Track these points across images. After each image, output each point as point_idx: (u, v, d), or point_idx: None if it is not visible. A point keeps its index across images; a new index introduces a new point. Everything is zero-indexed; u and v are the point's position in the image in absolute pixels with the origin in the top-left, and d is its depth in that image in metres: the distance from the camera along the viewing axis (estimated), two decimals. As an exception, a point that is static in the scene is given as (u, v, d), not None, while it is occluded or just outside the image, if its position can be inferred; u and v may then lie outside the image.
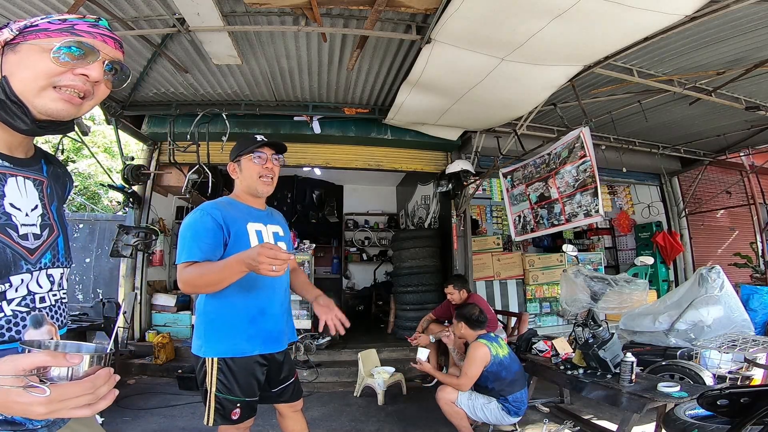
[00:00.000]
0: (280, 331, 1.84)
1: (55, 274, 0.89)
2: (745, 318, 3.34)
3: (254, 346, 1.73)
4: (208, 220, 1.64)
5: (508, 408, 2.77)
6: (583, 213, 3.83)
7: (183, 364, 4.57)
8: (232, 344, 1.70)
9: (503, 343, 2.92)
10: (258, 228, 1.77)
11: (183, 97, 4.81)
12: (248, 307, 1.72)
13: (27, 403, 0.61)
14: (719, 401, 1.50)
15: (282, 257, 1.33)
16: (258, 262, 1.34)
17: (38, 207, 0.87)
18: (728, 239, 7.29)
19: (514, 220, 4.94)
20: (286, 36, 3.54)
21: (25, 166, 0.87)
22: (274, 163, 1.80)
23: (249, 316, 1.72)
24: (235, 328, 1.70)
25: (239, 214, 1.75)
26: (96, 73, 0.82)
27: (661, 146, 6.25)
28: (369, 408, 3.71)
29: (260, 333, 1.74)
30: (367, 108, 5.06)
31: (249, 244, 1.68)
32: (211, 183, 4.68)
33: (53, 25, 0.80)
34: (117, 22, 3.18)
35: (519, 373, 2.85)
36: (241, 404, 1.70)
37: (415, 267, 5.62)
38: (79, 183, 10.84)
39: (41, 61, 0.78)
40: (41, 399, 0.60)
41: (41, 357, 0.62)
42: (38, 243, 0.84)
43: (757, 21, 3.11)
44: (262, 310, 1.75)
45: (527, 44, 2.91)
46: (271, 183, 1.81)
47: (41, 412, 0.61)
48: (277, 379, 1.88)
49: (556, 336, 3.73)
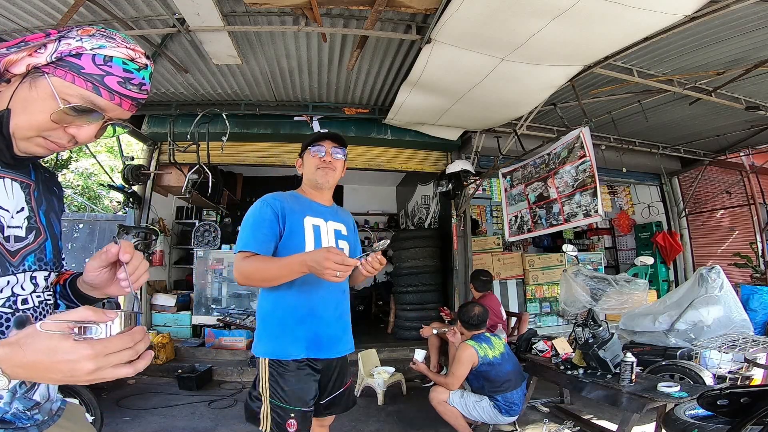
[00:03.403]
0: (331, 336, 1.70)
1: (39, 277, 0.87)
2: (744, 318, 3.34)
3: (299, 350, 1.61)
4: (268, 211, 1.63)
5: (499, 407, 2.77)
6: (583, 213, 3.82)
7: (183, 364, 4.58)
8: (281, 345, 1.62)
9: (497, 343, 2.89)
10: (316, 223, 1.72)
11: (183, 97, 4.81)
12: (299, 306, 1.64)
13: (75, 360, 0.59)
14: (719, 401, 1.50)
15: (349, 263, 1.32)
16: (323, 267, 1.32)
17: (24, 209, 0.85)
18: (728, 239, 7.29)
19: (510, 220, 4.94)
20: (286, 36, 3.54)
21: (12, 168, 0.85)
22: (334, 156, 1.78)
23: (299, 317, 1.63)
24: (284, 327, 1.63)
25: (299, 206, 1.71)
26: (85, 137, 0.81)
27: (661, 146, 6.25)
28: (369, 408, 3.70)
29: (307, 335, 1.63)
30: (367, 108, 5.06)
31: (303, 238, 1.65)
32: (211, 183, 4.68)
33: (91, 65, 0.76)
34: (117, 22, 3.18)
35: (512, 374, 2.83)
36: (295, 414, 1.56)
37: (415, 267, 5.62)
38: (81, 183, 10.85)
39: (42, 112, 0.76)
40: (89, 353, 0.59)
41: (84, 312, 0.63)
42: (20, 245, 0.82)
43: (757, 21, 3.11)
44: (312, 311, 1.65)
45: (527, 44, 2.91)
46: (330, 173, 1.78)
47: (89, 368, 0.60)
48: (327, 390, 1.74)
49: (556, 336, 3.73)
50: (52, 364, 0.59)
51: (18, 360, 0.60)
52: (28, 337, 0.60)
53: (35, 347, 0.60)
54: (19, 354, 0.60)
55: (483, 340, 2.86)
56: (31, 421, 0.81)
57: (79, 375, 0.60)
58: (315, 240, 1.68)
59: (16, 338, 0.61)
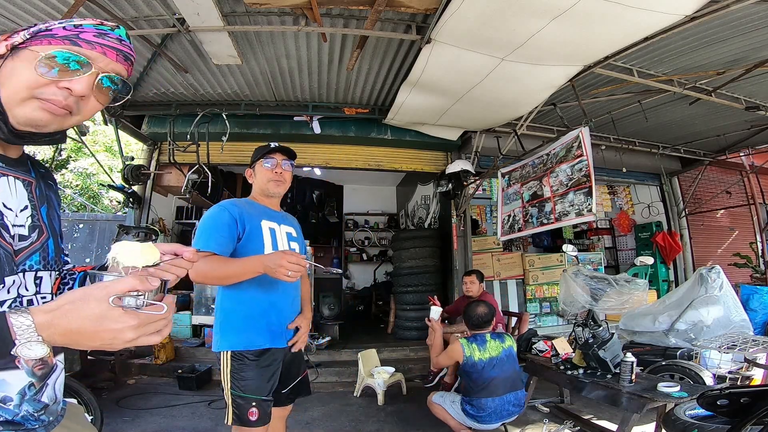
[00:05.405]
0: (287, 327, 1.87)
1: (45, 277, 0.86)
2: (744, 318, 3.34)
3: (265, 340, 1.75)
4: (226, 215, 1.74)
5: (466, 410, 2.70)
6: (575, 212, 3.78)
7: (183, 364, 4.58)
8: (244, 336, 1.73)
9: (493, 346, 2.77)
10: (271, 226, 1.86)
11: (183, 97, 4.81)
12: (261, 301, 1.77)
13: (120, 329, 0.61)
14: (719, 401, 1.51)
15: (303, 264, 1.49)
16: (279, 265, 1.48)
17: (28, 208, 0.84)
18: (728, 239, 7.29)
19: (503, 219, 4.93)
20: (286, 36, 3.54)
21: (15, 166, 0.84)
22: (284, 167, 1.92)
23: (261, 310, 1.77)
24: (248, 320, 1.75)
25: (255, 212, 1.85)
26: (80, 87, 0.77)
27: (661, 146, 6.25)
28: (369, 408, 3.71)
29: (271, 327, 1.78)
30: (367, 108, 5.06)
31: (262, 240, 1.79)
32: (210, 183, 4.68)
33: (63, 31, 0.77)
34: (117, 22, 3.18)
35: (497, 380, 2.68)
36: (256, 403, 1.69)
37: (415, 267, 5.62)
38: (80, 183, 10.85)
39: (27, 69, 0.74)
40: (134, 323, 0.62)
41: (131, 281, 0.64)
42: (24, 244, 0.81)
43: (757, 21, 3.11)
44: (272, 304, 1.79)
45: (527, 44, 2.91)
46: (281, 184, 1.92)
47: (130, 337, 0.62)
48: (287, 379, 1.89)
49: (556, 336, 3.73)
50: (97, 333, 0.61)
51: (63, 327, 0.61)
52: (71, 304, 0.61)
53: (83, 314, 0.61)
54: (63, 321, 0.60)
55: (476, 341, 2.78)
56: (39, 422, 0.81)
57: (118, 343, 0.63)
58: (272, 241, 1.83)
59: (56, 304, 0.62)
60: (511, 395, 2.70)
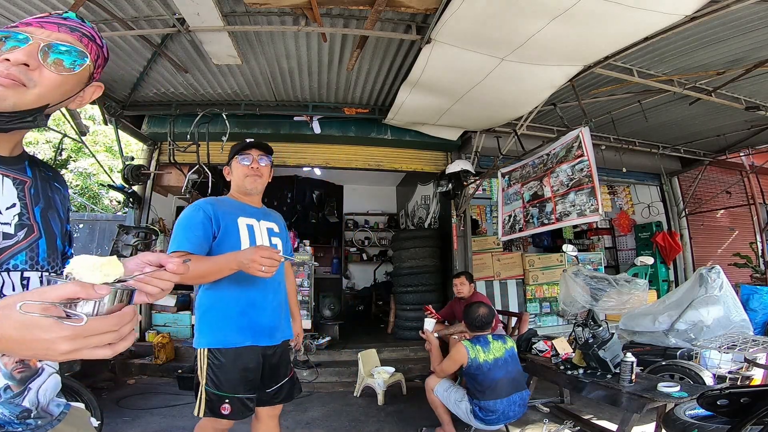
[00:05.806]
0: (273, 326, 1.85)
1: (33, 278, 0.84)
2: (744, 318, 3.34)
3: (245, 338, 1.74)
4: (200, 215, 1.74)
5: (476, 412, 2.69)
6: (576, 212, 3.78)
7: (183, 364, 4.57)
8: (222, 335, 1.73)
9: (496, 347, 2.77)
10: (249, 222, 1.84)
11: (183, 97, 4.81)
12: (239, 299, 1.76)
13: (51, 340, 0.56)
14: (719, 401, 1.51)
15: (276, 258, 1.47)
16: (251, 260, 1.46)
17: (16, 206, 0.83)
18: (728, 239, 7.29)
19: (504, 219, 4.93)
20: (286, 36, 3.54)
21: (6, 164, 0.84)
22: (260, 163, 1.90)
23: (240, 308, 1.76)
24: (226, 319, 1.75)
25: (231, 209, 1.84)
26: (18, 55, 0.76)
27: (661, 146, 6.25)
28: (369, 408, 3.71)
29: (251, 325, 1.77)
30: (367, 108, 5.06)
31: (238, 237, 1.77)
32: (211, 183, 4.68)
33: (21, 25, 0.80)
34: (117, 22, 3.18)
35: (502, 382, 2.68)
36: (229, 400, 1.69)
37: (415, 267, 5.62)
38: (80, 183, 10.85)
39: None
40: (67, 334, 0.56)
41: (71, 287, 0.58)
42: (8, 243, 0.80)
43: (757, 21, 3.11)
44: (253, 303, 1.78)
45: (527, 44, 2.91)
46: (258, 180, 1.90)
47: (65, 349, 0.56)
48: (272, 378, 1.87)
49: (556, 336, 3.73)
50: (25, 342, 0.56)
51: None
52: (5, 309, 0.57)
53: (10, 320, 0.56)
54: None
55: (479, 342, 2.78)
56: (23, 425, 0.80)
57: (53, 354, 0.57)
58: (250, 238, 1.80)
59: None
60: (516, 396, 2.71)
